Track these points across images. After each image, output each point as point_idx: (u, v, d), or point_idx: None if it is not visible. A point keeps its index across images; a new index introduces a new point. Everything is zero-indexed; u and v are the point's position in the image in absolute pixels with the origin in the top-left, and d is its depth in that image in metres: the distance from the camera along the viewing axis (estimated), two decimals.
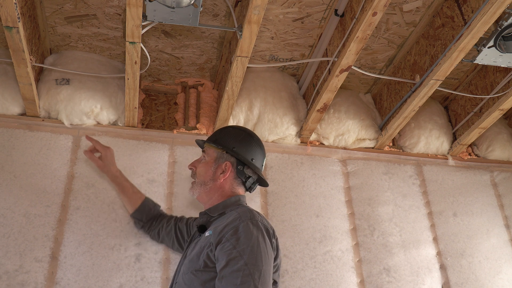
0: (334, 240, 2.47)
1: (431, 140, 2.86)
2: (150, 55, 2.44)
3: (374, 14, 1.97)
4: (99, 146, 2.15)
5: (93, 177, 2.30)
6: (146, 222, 2.15)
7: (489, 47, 2.21)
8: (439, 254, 2.62)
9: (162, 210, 2.22)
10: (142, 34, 2.09)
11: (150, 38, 2.41)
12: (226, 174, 1.84)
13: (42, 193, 2.20)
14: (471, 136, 2.82)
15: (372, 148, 2.82)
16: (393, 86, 2.73)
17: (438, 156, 2.92)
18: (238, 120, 2.58)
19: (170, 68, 2.64)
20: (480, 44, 2.23)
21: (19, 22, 1.89)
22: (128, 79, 2.19)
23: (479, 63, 2.45)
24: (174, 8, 1.89)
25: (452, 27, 2.24)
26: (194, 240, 1.85)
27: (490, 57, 2.27)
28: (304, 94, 2.73)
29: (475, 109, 2.75)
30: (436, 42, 2.34)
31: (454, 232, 2.70)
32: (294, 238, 2.41)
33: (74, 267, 2.08)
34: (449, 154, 2.93)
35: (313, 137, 2.73)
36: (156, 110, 2.67)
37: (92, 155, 2.13)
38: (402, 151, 2.88)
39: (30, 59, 2.12)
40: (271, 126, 2.59)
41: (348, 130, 2.72)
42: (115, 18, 2.28)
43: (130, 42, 1.99)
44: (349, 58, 2.20)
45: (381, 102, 2.86)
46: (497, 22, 2.14)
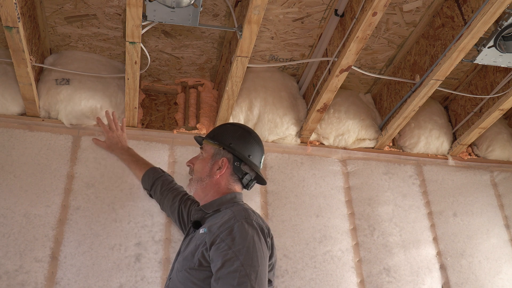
0: (334, 240, 2.46)
1: (431, 140, 2.86)
2: (150, 55, 2.44)
3: (374, 14, 1.97)
4: (104, 129, 2.35)
5: (93, 177, 2.30)
6: (150, 189, 2.21)
7: (489, 47, 2.21)
8: (439, 254, 2.62)
9: (166, 173, 2.25)
10: (142, 34, 2.10)
11: (150, 38, 2.41)
12: (223, 170, 1.84)
13: (42, 193, 2.20)
14: (471, 136, 2.82)
15: (372, 148, 2.82)
16: (393, 86, 2.73)
17: (438, 156, 2.92)
18: (238, 120, 2.58)
19: (170, 68, 2.64)
20: (480, 44, 2.23)
21: (19, 22, 1.89)
22: (128, 79, 2.19)
23: (479, 63, 2.45)
24: (174, 8, 1.89)
25: (452, 27, 2.24)
26: (189, 235, 1.85)
27: (490, 57, 2.27)
28: (304, 94, 2.73)
29: (475, 109, 2.75)
30: (436, 42, 2.34)
31: (454, 232, 2.70)
32: (294, 238, 2.41)
33: (74, 267, 2.07)
34: (449, 154, 2.93)
35: (313, 137, 2.73)
36: (156, 110, 2.67)
37: (97, 140, 2.35)
38: (402, 151, 2.88)
39: (30, 59, 2.12)
40: (271, 126, 2.59)
41: (348, 130, 2.72)
42: (115, 18, 2.28)
43: (130, 42, 1.99)
44: (349, 58, 2.20)
45: (381, 102, 2.85)
46: (497, 22, 2.14)
